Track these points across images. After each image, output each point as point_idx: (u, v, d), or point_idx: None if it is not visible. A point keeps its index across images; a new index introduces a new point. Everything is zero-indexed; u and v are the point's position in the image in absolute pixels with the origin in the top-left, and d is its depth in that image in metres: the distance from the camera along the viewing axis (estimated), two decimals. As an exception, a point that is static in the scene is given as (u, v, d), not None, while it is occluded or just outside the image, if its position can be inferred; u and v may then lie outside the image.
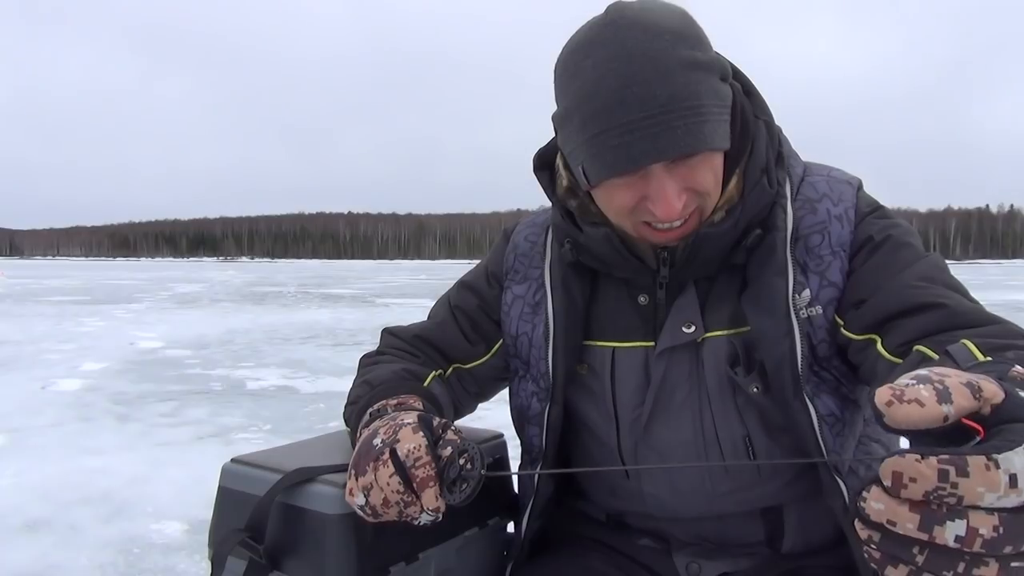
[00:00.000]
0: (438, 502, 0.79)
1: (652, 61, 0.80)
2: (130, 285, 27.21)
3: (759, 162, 0.92)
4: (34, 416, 5.01)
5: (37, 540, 2.86)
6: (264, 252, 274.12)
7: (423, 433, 0.81)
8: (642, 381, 0.98)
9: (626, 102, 0.80)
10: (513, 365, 1.10)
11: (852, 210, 0.95)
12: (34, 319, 12.34)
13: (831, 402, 0.91)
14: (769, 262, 0.92)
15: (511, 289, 1.09)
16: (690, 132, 0.81)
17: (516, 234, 1.13)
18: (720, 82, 0.86)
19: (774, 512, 0.99)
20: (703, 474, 0.97)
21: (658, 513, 1.01)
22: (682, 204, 0.86)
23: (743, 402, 0.94)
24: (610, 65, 0.81)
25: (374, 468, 0.80)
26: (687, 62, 0.81)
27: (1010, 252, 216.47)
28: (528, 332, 1.05)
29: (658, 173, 0.84)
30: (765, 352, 0.91)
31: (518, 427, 1.09)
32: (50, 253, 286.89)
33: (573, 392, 1.03)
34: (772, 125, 0.96)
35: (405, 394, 0.96)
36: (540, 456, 1.05)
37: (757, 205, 0.91)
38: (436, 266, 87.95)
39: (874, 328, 0.86)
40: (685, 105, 0.80)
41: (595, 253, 0.97)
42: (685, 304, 0.96)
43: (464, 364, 1.11)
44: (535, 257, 1.07)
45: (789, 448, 0.95)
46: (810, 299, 0.91)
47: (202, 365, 7.41)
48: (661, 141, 0.80)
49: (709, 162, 0.86)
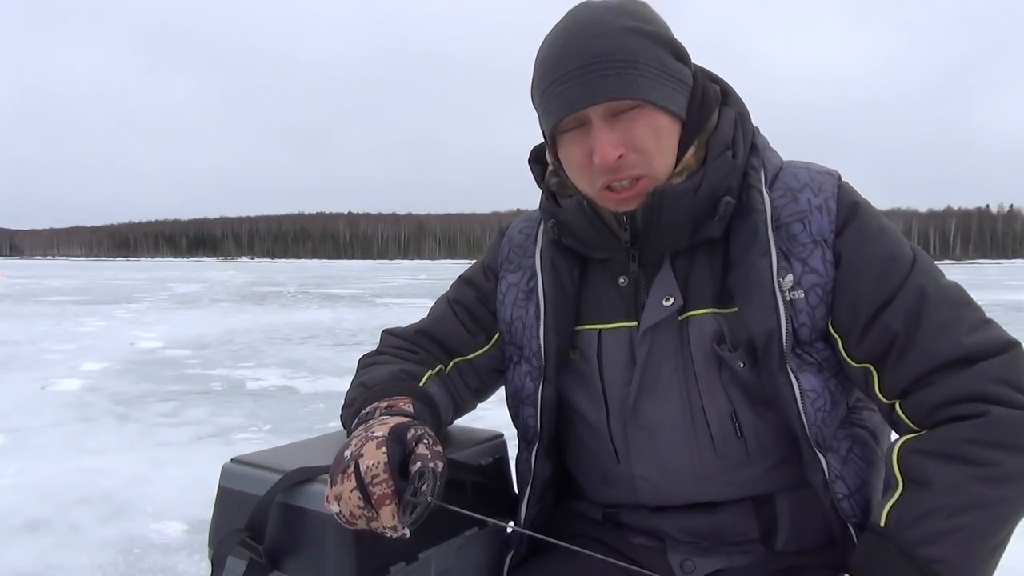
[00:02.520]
0: (394, 520, 0.79)
1: (593, 25, 0.91)
2: (130, 285, 27.21)
3: (723, 139, 0.96)
4: (34, 416, 5.01)
5: (37, 540, 2.86)
6: (264, 252, 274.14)
7: (386, 449, 0.82)
8: (628, 361, 1.00)
9: (567, 56, 0.91)
10: (508, 352, 1.12)
11: (833, 201, 0.97)
12: (34, 319, 12.34)
13: (813, 380, 0.94)
14: (753, 243, 0.94)
15: (506, 279, 1.12)
16: (622, 80, 0.89)
17: (511, 228, 1.17)
18: (669, 56, 0.93)
19: (766, 503, 1.00)
20: (691, 452, 0.98)
21: (649, 501, 1.02)
22: (618, 156, 0.90)
23: (728, 378, 0.96)
24: (560, 33, 0.94)
25: (341, 480, 0.81)
26: (627, 27, 0.91)
27: (1010, 252, 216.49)
28: (522, 317, 1.08)
29: (598, 123, 0.91)
30: (753, 328, 0.93)
31: (514, 412, 1.11)
32: (50, 253, 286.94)
33: (565, 378, 1.05)
34: (746, 118, 1.01)
35: (398, 396, 0.97)
36: (536, 437, 1.07)
37: (719, 173, 0.94)
38: (436, 266, 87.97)
39: (870, 360, 0.92)
40: (619, 58, 0.89)
41: (573, 227, 1.01)
42: (662, 281, 0.99)
43: (465, 356, 1.13)
44: (528, 247, 1.12)
45: (774, 424, 0.97)
46: (793, 283, 0.94)
47: (202, 365, 7.41)
48: (593, 86, 0.89)
49: (650, 120, 0.91)
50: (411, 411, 0.95)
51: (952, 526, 0.80)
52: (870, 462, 0.99)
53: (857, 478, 0.96)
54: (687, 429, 0.98)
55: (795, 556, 1.00)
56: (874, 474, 0.99)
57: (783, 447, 0.99)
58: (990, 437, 0.83)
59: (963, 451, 0.83)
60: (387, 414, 0.92)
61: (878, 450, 1.02)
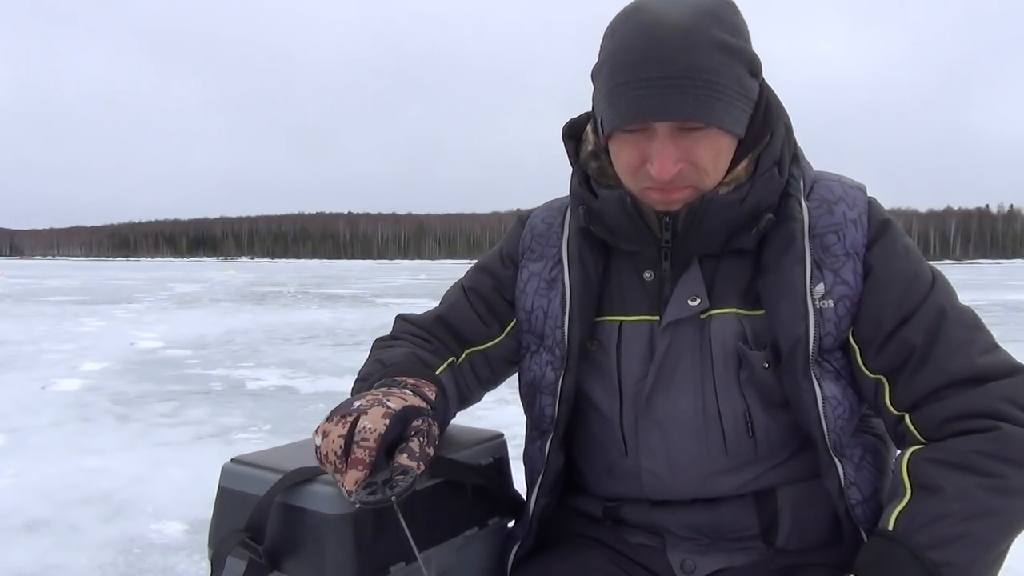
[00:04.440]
0: (353, 487, 0.81)
1: (682, 32, 0.86)
2: (130, 285, 27.22)
3: (773, 154, 0.97)
4: (34, 416, 5.01)
5: (37, 540, 2.86)
6: (264, 252, 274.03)
7: (388, 423, 0.83)
8: (646, 354, 1.00)
9: (649, 61, 0.87)
10: (526, 341, 1.11)
11: (865, 216, 0.99)
12: (34, 319, 12.34)
13: (834, 387, 0.96)
14: (789, 251, 0.95)
15: (527, 267, 1.11)
16: (700, 102, 0.87)
17: (532, 218, 1.16)
18: (746, 73, 0.91)
19: (767, 497, 1.00)
20: (701, 449, 0.99)
21: (654, 495, 1.02)
22: (677, 171, 0.90)
23: (745, 378, 0.97)
24: (644, 28, 0.88)
25: (337, 421, 0.84)
26: (715, 41, 0.87)
27: (1010, 252, 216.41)
28: (544, 306, 1.07)
29: (662, 135, 0.89)
30: (780, 332, 0.94)
31: (528, 402, 1.10)
32: (50, 253, 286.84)
33: (582, 368, 1.05)
34: (791, 129, 1.01)
35: (424, 380, 0.99)
36: (551, 427, 1.06)
37: (765, 189, 0.95)
38: (436, 266, 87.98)
39: (884, 372, 0.94)
40: (702, 77, 0.86)
41: (606, 218, 1.00)
42: (690, 279, 0.99)
43: (479, 346, 1.13)
44: (552, 237, 1.10)
45: (786, 426, 0.98)
46: (824, 292, 0.95)
47: (202, 365, 7.41)
48: (671, 103, 0.87)
49: (714, 141, 0.90)
50: (434, 400, 0.96)
51: (961, 531, 0.82)
52: (880, 469, 1.00)
53: (870, 484, 0.98)
54: (699, 426, 0.98)
55: (796, 554, 1.00)
56: (884, 481, 1.00)
57: (790, 447, 1.00)
58: (999, 451, 0.86)
59: (973, 462, 0.85)
60: (411, 390, 0.94)
61: (887, 458, 1.03)
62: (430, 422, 0.89)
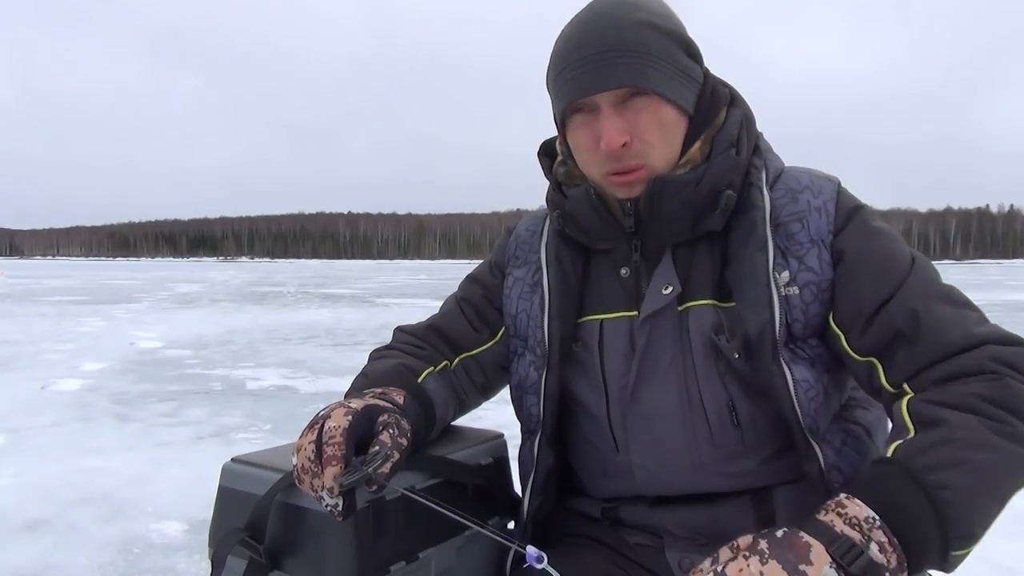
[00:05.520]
0: (333, 483, 0.82)
1: (610, 16, 0.95)
2: (130, 285, 27.22)
3: (728, 137, 0.99)
4: (34, 416, 5.02)
5: (37, 540, 2.86)
6: (264, 252, 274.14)
7: (351, 418, 0.86)
8: (628, 349, 1.02)
9: (582, 44, 0.95)
10: (513, 345, 1.14)
11: (832, 203, 0.99)
12: (34, 319, 12.34)
13: (806, 372, 0.96)
14: (751, 239, 0.97)
15: (512, 274, 1.16)
16: (632, 70, 0.92)
17: (518, 227, 1.21)
18: (680, 52, 0.97)
19: (764, 497, 1.00)
20: (688, 440, 1.00)
21: (647, 490, 1.03)
22: (623, 142, 0.93)
23: (724, 368, 0.98)
24: (578, 23, 0.97)
25: (306, 433, 0.86)
26: (642, 21, 0.94)
27: (1010, 252, 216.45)
28: (527, 308, 1.11)
29: (606, 110, 0.94)
30: (748, 319, 0.95)
31: (517, 404, 1.12)
32: (50, 253, 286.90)
33: (568, 370, 1.07)
34: (752, 120, 1.04)
35: (393, 387, 1.01)
36: (538, 426, 1.08)
37: (722, 168, 0.97)
38: (436, 266, 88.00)
39: (875, 354, 0.92)
40: (632, 49, 0.93)
41: (577, 218, 1.04)
42: (663, 271, 1.01)
43: (470, 352, 1.16)
44: (534, 243, 1.15)
45: (770, 414, 0.98)
46: (788, 279, 0.96)
47: (202, 365, 7.41)
48: (604, 73, 0.93)
49: (655, 111, 0.94)
50: (400, 403, 0.98)
51: (962, 458, 0.78)
52: (863, 455, 1.00)
53: (852, 468, 0.97)
54: (684, 417, 0.99)
55: None
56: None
57: (779, 439, 1.00)
58: (1003, 398, 0.82)
59: (976, 404, 0.82)
60: (377, 398, 0.96)
61: (872, 446, 1.02)
62: (397, 417, 0.92)
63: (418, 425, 0.99)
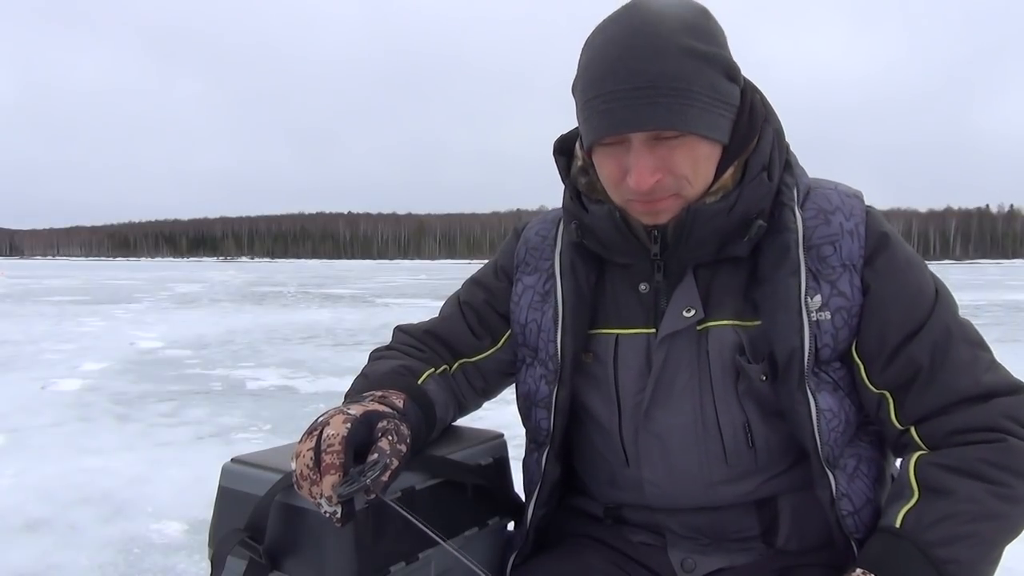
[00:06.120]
0: (331, 492, 0.81)
1: (651, 40, 0.86)
2: (130, 285, 27.22)
3: (761, 159, 0.95)
4: (34, 416, 5.01)
5: (37, 540, 2.86)
6: (264, 252, 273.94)
7: (350, 426, 0.84)
8: (643, 367, 1.00)
9: (618, 73, 0.86)
10: (521, 354, 1.12)
11: (862, 226, 0.98)
12: (34, 319, 12.34)
13: (830, 399, 0.95)
14: (783, 262, 0.95)
15: (521, 280, 1.11)
16: (672, 111, 0.86)
17: (527, 230, 1.15)
18: (722, 78, 0.90)
19: (768, 504, 1.00)
20: (701, 460, 0.99)
21: (656, 504, 1.02)
22: (655, 181, 0.89)
23: (744, 389, 0.97)
24: (615, 39, 0.88)
25: (304, 440, 0.85)
26: (685, 48, 0.86)
27: (1010, 252, 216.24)
28: (537, 319, 1.07)
29: (637, 146, 0.88)
30: (776, 344, 0.94)
31: (524, 413, 1.11)
32: (50, 253, 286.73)
33: (578, 380, 1.05)
34: (782, 134, 0.99)
35: (393, 389, 0.99)
36: (547, 440, 1.07)
37: (754, 195, 0.94)
38: (436, 266, 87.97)
39: (889, 389, 0.95)
40: (672, 85, 0.85)
41: (598, 233, 0.99)
42: (684, 291, 0.98)
43: (470, 358, 1.13)
44: (546, 249, 1.10)
45: (785, 435, 0.98)
46: (820, 304, 0.94)
47: (202, 365, 7.41)
48: (641, 113, 0.86)
49: (690, 148, 0.89)
50: (400, 406, 0.96)
51: (969, 531, 0.84)
52: (875, 479, 1.00)
53: (862, 495, 0.97)
54: (698, 438, 0.98)
55: (796, 555, 1.00)
56: (879, 491, 1.00)
57: (791, 456, 0.99)
58: (1005, 461, 0.88)
59: (980, 469, 0.87)
60: (377, 402, 0.94)
61: (883, 466, 1.03)
62: (397, 423, 0.89)
63: (418, 429, 0.97)
